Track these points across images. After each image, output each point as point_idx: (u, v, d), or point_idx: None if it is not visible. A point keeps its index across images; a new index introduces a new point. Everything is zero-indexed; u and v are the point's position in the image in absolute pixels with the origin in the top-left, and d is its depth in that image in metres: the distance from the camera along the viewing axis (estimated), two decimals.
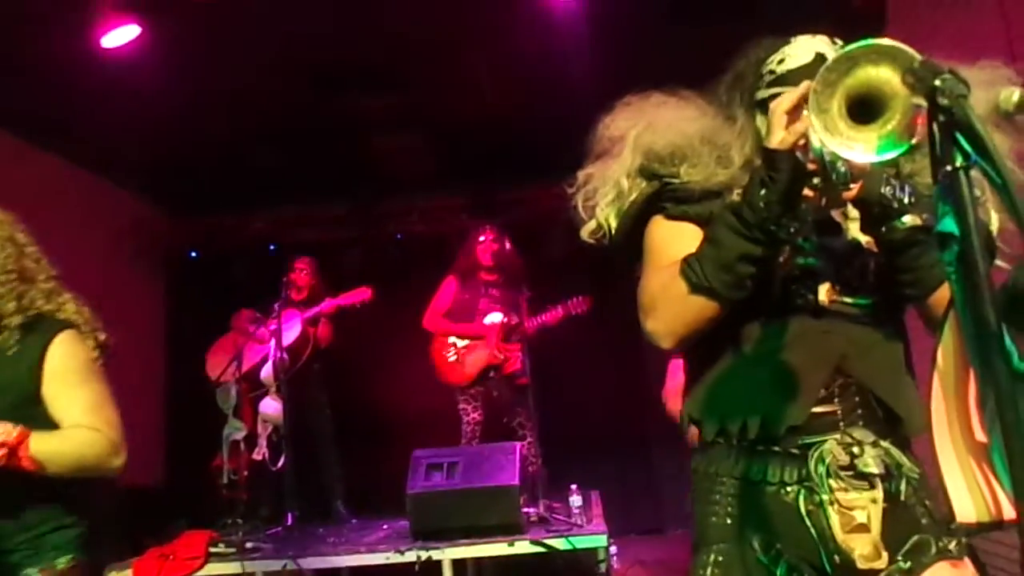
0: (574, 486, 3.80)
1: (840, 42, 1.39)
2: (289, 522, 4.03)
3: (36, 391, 1.73)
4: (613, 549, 3.56)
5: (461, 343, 4.78)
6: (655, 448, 6.17)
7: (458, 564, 3.51)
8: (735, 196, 1.33)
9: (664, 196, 1.41)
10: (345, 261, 6.36)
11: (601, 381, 6.25)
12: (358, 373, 6.03)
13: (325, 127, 5.31)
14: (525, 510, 3.70)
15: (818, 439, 1.32)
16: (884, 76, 0.98)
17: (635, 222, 1.44)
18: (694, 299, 1.28)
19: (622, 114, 1.47)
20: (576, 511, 3.71)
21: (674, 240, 1.37)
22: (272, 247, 6.50)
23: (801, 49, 1.38)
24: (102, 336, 1.91)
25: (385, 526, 4.18)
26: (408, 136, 5.59)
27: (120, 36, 3.81)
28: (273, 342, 4.30)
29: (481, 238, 4.88)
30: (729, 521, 1.35)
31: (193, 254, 6.78)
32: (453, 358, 4.78)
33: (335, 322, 4.99)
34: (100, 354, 1.89)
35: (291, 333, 4.56)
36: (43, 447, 1.62)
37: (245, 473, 4.24)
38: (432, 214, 6.50)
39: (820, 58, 1.34)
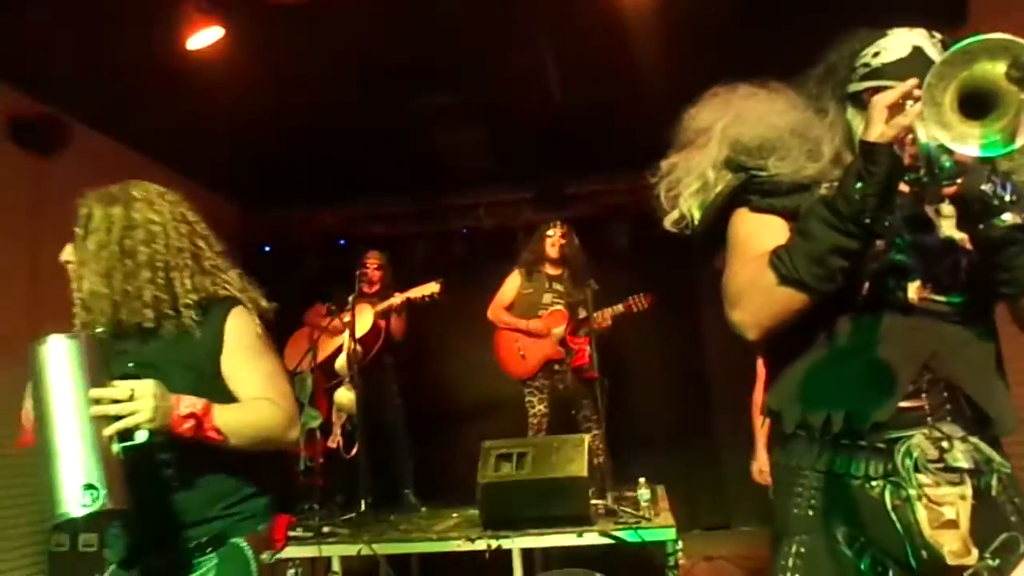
0: (642, 479, 3.80)
1: (939, 35, 1.36)
2: (363, 509, 4.13)
3: (216, 369, 1.74)
4: (678, 545, 3.56)
5: (524, 336, 4.83)
6: (721, 443, 6.12)
7: (526, 553, 3.57)
8: (823, 190, 1.32)
9: (750, 189, 1.40)
10: (412, 255, 6.48)
11: (666, 375, 6.23)
12: (427, 365, 6.14)
13: (393, 123, 5.39)
14: (593, 502, 3.73)
15: (905, 434, 1.30)
16: (999, 71, 0.98)
17: (720, 214, 1.44)
18: (782, 291, 1.27)
19: (709, 105, 1.47)
20: (644, 504, 3.72)
21: (760, 233, 1.37)
22: (342, 241, 6.65)
23: (898, 42, 1.35)
24: (264, 305, 1.92)
25: (455, 515, 4.26)
26: (473, 131, 5.64)
27: (204, 38, 3.95)
28: (347, 333, 4.41)
29: (549, 232, 4.93)
30: (811, 513, 1.35)
31: (266, 248, 6.97)
32: (517, 351, 4.84)
33: (406, 315, 5.09)
34: (264, 326, 1.88)
35: (363, 325, 4.66)
36: (227, 418, 1.63)
37: (320, 460, 4.37)
38: (497, 208, 6.56)
39: (917, 52, 1.32)
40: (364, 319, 4.73)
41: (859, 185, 1.20)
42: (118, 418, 1.48)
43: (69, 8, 3.80)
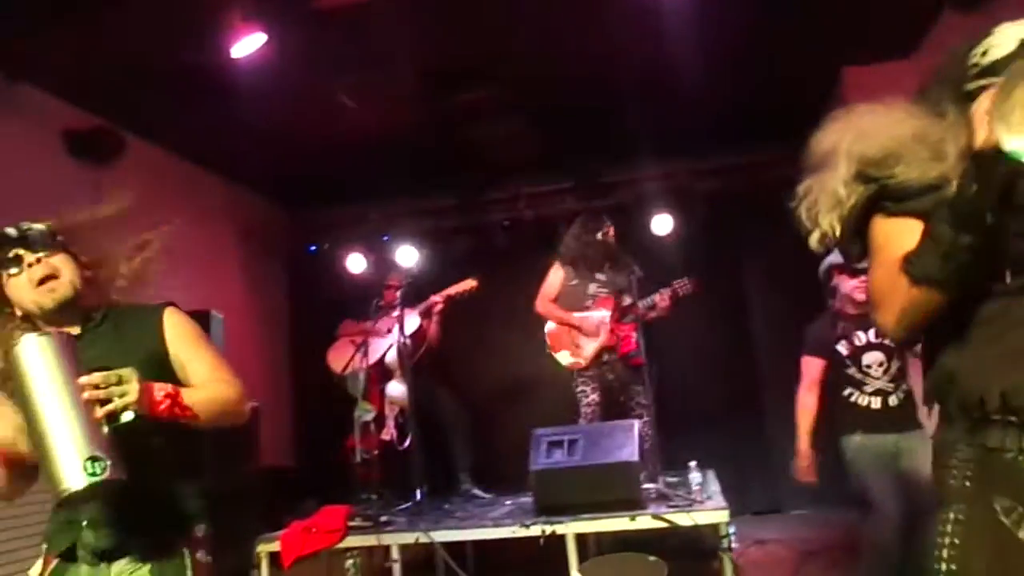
0: (693, 463, 3.83)
1: None
2: (418, 498, 4.23)
3: (166, 363, 1.87)
4: (731, 528, 3.57)
5: (578, 327, 4.86)
6: (771, 428, 6.11)
7: (580, 538, 3.61)
8: (953, 187, 1.36)
9: (884, 196, 1.46)
10: (454, 248, 6.58)
11: (714, 361, 6.23)
12: (473, 357, 6.23)
13: (433, 119, 5.49)
14: (645, 486, 3.77)
15: None
16: None
17: (858, 224, 1.50)
18: (916, 291, 1.35)
19: (831, 129, 1.53)
20: (696, 488, 3.74)
21: (897, 236, 1.43)
22: (385, 237, 6.76)
23: (1004, 38, 1.40)
24: None
25: (508, 502, 4.33)
26: (513, 124, 5.70)
27: (248, 45, 4.06)
28: (396, 328, 4.51)
29: (592, 224, 4.95)
30: (967, 484, 1.39)
31: (312, 248, 7.13)
32: (572, 342, 4.87)
33: (444, 315, 5.16)
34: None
35: (411, 324, 4.76)
36: (193, 398, 1.75)
37: (376, 452, 4.48)
38: (538, 199, 6.61)
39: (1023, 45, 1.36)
40: (412, 318, 4.83)
41: (974, 187, 1.26)
42: (106, 402, 1.58)
43: (117, 22, 3.94)
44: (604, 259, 4.95)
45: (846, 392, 3.59)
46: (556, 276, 5.01)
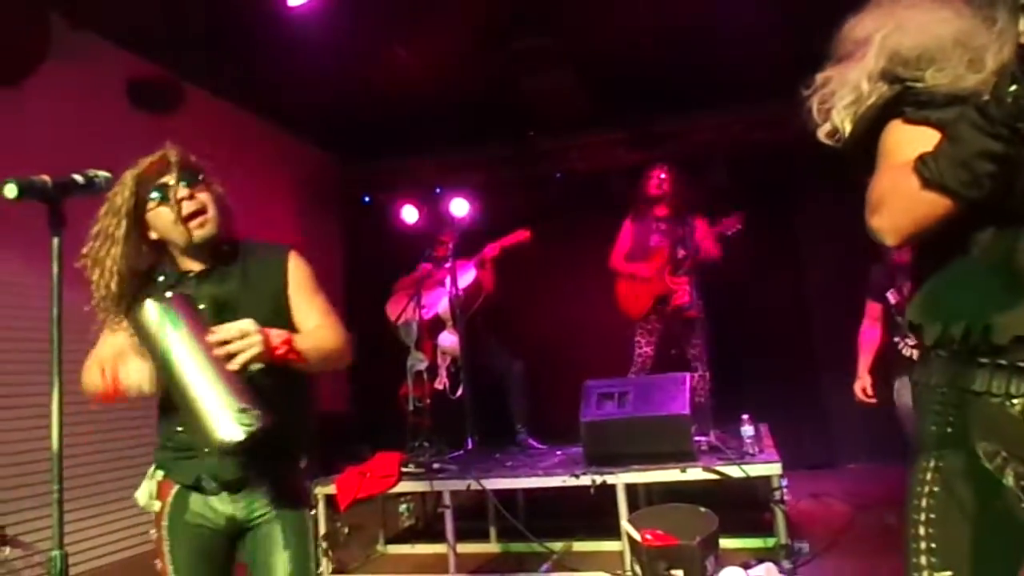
0: (746, 416, 3.79)
1: None
2: (469, 446, 4.29)
3: (286, 304, 1.93)
4: (784, 481, 3.54)
5: (639, 278, 4.87)
6: (824, 382, 6.02)
7: (630, 488, 3.63)
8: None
9: (905, 100, 1.34)
10: (507, 200, 6.54)
11: (769, 314, 6.13)
12: (525, 308, 6.23)
13: (485, 70, 5.42)
14: (696, 439, 3.75)
15: None
16: None
17: (871, 125, 1.38)
18: (925, 195, 1.23)
19: (870, 15, 1.41)
20: (748, 441, 3.71)
21: (911, 143, 1.30)
22: (437, 189, 6.76)
23: None
24: None
25: (559, 452, 4.37)
26: (565, 74, 5.60)
27: None
28: (448, 280, 4.53)
29: (650, 174, 5.00)
30: (950, 430, 1.33)
31: (366, 199, 7.17)
32: (632, 292, 4.89)
33: (499, 265, 5.15)
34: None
35: (467, 277, 4.78)
36: (304, 344, 1.79)
37: (428, 401, 4.54)
38: (590, 150, 6.52)
39: None
40: (467, 271, 4.85)
41: (1013, 88, 1.12)
42: (234, 356, 1.63)
43: None
44: (661, 207, 4.98)
45: (895, 339, 3.55)
46: (626, 232, 5.11)
